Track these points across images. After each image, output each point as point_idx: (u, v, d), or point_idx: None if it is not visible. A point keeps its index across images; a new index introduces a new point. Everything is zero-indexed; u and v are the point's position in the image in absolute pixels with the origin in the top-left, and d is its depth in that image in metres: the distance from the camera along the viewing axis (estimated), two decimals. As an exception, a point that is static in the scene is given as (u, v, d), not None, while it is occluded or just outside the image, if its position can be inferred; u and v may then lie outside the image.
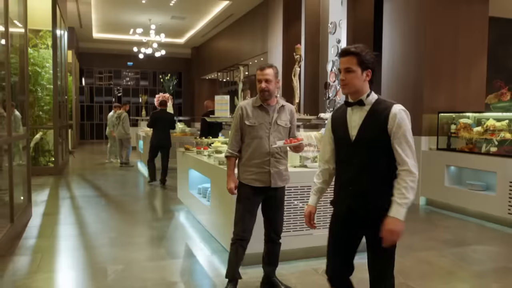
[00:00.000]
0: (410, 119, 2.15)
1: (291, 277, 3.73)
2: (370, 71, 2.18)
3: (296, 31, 10.82)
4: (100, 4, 14.02)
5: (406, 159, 2.08)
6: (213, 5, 14.20)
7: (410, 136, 2.11)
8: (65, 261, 4.17)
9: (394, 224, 2.03)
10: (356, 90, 2.18)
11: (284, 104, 3.31)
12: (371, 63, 2.17)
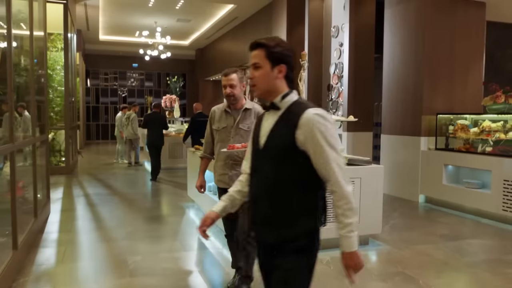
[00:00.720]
0: (334, 126, 1.74)
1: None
2: (283, 66, 1.79)
3: (299, 34, 11.13)
4: (107, 7, 14.34)
5: (328, 176, 1.71)
6: (218, 8, 14.51)
7: (330, 145, 1.69)
8: (87, 252, 4.49)
9: (351, 259, 1.73)
10: (267, 90, 1.82)
11: (250, 108, 3.31)
12: (285, 56, 1.80)
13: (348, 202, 1.71)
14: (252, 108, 3.31)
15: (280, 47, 1.79)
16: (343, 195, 1.70)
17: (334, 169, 1.69)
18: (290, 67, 1.81)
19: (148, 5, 13.70)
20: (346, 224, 1.71)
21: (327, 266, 4.05)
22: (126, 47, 20.58)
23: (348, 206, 1.71)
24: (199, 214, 6.13)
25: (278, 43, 1.81)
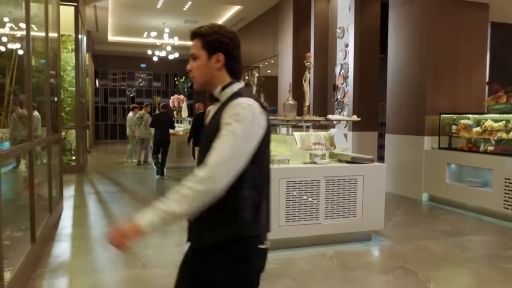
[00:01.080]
0: (255, 120, 1.53)
1: (302, 261, 4.20)
2: (221, 55, 1.66)
3: (305, 35, 11.28)
4: (116, 9, 14.59)
5: (208, 158, 1.46)
6: (225, 10, 14.71)
7: (234, 132, 1.47)
8: (100, 246, 4.68)
9: (125, 226, 1.45)
10: (205, 81, 1.70)
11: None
12: (223, 44, 1.66)
13: (194, 188, 1.42)
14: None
15: (217, 35, 1.66)
16: (197, 178, 1.43)
17: (219, 153, 1.45)
18: (230, 56, 1.68)
19: (156, 6, 13.93)
20: (166, 204, 1.44)
21: (330, 260, 4.21)
22: (135, 48, 20.85)
23: (188, 192, 1.43)
24: (207, 211, 6.31)
25: (216, 30, 1.67)
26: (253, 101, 1.55)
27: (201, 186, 1.43)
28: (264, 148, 1.61)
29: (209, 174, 1.43)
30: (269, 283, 3.62)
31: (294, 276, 3.78)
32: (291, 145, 4.93)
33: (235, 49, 1.70)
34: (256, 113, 1.53)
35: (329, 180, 4.55)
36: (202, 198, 1.44)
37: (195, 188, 1.43)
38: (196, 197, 1.43)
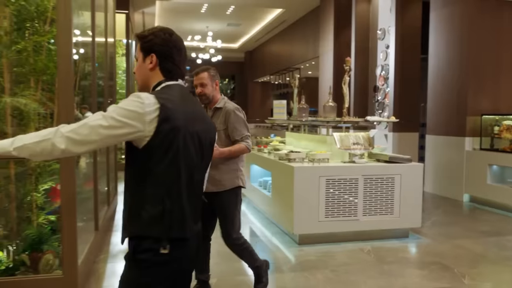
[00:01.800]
0: (134, 105, 1.51)
1: (341, 254, 4.44)
2: (153, 56, 1.68)
3: (346, 36, 11.41)
4: (163, 14, 15.25)
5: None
6: (267, 13, 15.04)
7: (108, 110, 1.52)
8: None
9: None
10: (143, 82, 1.73)
11: (221, 107, 3.19)
12: (155, 45, 1.68)
13: (45, 140, 1.46)
14: (222, 107, 3.18)
15: (152, 36, 1.69)
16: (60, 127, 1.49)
17: (90, 117, 1.50)
18: (164, 56, 1.69)
19: (201, 11, 14.46)
20: (28, 139, 1.48)
21: (368, 254, 4.43)
22: (179, 51, 21.58)
23: (46, 140, 1.46)
24: (249, 206, 6.64)
25: (152, 32, 1.70)
26: (145, 94, 1.54)
27: (46, 147, 1.48)
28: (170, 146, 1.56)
29: (62, 144, 1.47)
30: (309, 273, 3.90)
31: (333, 268, 4.03)
32: (331, 145, 5.17)
33: (170, 49, 1.69)
34: (139, 99, 1.52)
35: (367, 179, 4.76)
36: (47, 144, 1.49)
37: (42, 144, 1.48)
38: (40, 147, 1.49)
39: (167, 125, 1.53)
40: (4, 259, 3.50)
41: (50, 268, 3.42)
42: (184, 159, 1.60)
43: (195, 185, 1.68)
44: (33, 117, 3.58)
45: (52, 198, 3.96)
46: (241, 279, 3.80)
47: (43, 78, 3.75)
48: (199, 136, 1.68)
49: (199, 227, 1.73)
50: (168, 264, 1.56)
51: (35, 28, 3.63)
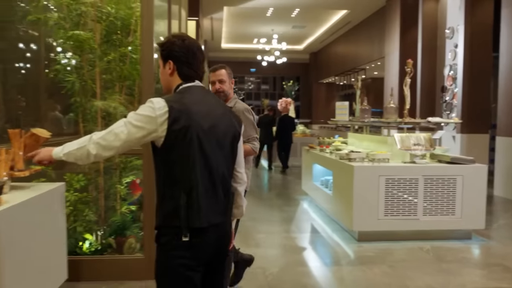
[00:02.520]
0: (148, 109, 1.73)
1: (399, 252, 4.55)
2: (171, 62, 1.86)
3: (412, 36, 11.23)
4: (230, 19, 15.84)
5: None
6: (331, 14, 15.12)
7: (131, 113, 1.77)
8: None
9: (45, 149, 1.92)
10: (166, 86, 1.94)
11: (231, 106, 3.14)
12: (171, 52, 1.86)
13: (82, 147, 1.76)
14: (232, 107, 3.12)
15: (168, 44, 1.86)
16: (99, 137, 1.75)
17: (116, 124, 1.75)
18: (180, 61, 1.85)
19: (266, 14, 14.86)
20: (72, 146, 1.80)
21: (427, 253, 4.50)
22: (245, 54, 22.19)
23: (81, 142, 1.77)
24: (311, 205, 6.86)
25: (168, 40, 1.88)
26: (156, 99, 1.75)
27: (85, 147, 1.78)
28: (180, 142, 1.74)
29: (93, 147, 1.76)
30: (366, 267, 4.07)
31: (391, 264, 4.17)
32: (391, 146, 5.27)
33: (184, 54, 1.85)
34: (151, 106, 1.73)
35: (427, 179, 4.82)
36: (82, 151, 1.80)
37: (82, 146, 1.79)
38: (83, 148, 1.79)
39: (177, 125, 1.71)
40: (94, 242, 4.03)
41: (132, 250, 3.90)
42: (199, 155, 1.75)
43: (216, 178, 1.81)
44: (119, 118, 4.09)
45: (132, 191, 4.46)
46: (302, 270, 4.06)
47: (126, 84, 4.28)
48: (216, 132, 1.81)
49: (224, 218, 1.87)
50: (188, 249, 1.75)
51: (121, 40, 4.15)
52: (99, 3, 3.96)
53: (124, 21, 4.10)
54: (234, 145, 1.93)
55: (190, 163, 1.74)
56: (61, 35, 3.84)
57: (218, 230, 1.85)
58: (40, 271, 2.87)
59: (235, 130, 1.92)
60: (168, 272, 1.78)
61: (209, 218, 1.78)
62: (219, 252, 1.89)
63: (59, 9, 4.02)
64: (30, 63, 4.93)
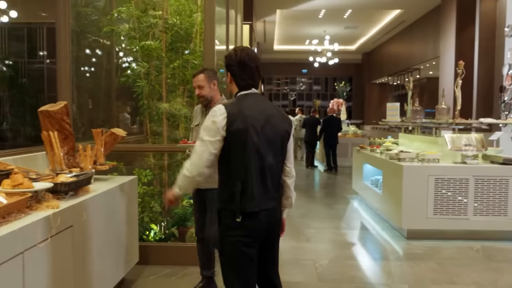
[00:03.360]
0: (212, 117, 2.10)
1: (448, 250, 4.63)
2: (229, 73, 2.25)
3: (469, 35, 10.99)
4: (282, 21, 16.13)
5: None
6: (384, 14, 15.01)
7: (202, 134, 2.12)
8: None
9: (168, 193, 2.30)
10: (229, 91, 2.51)
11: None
12: (228, 65, 2.23)
13: (184, 176, 2.16)
14: None
15: (227, 57, 2.24)
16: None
17: (193, 152, 2.15)
18: (233, 73, 2.21)
19: (318, 16, 15.01)
20: (178, 180, 2.21)
21: (476, 252, 4.55)
22: (297, 55, 22.39)
23: (183, 171, 2.17)
24: (361, 204, 7.01)
25: (228, 53, 2.25)
26: (219, 106, 2.12)
27: (188, 167, 2.16)
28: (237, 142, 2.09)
29: (186, 165, 2.18)
30: (414, 263, 4.21)
31: (438, 261, 4.28)
32: (442, 146, 5.34)
33: (236, 67, 2.20)
34: (214, 115, 2.11)
35: (478, 179, 4.86)
36: (184, 174, 2.19)
37: (186, 168, 2.17)
38: (184, 172, 2.18)
39: (234, 126, 2.07)
40: (158, 232, 4.46)
41: (194, 239, 4.28)
42: (253, 152, 2.09)
43: (266, 171, 2.14)
44: (182, 119, 4.50)
45: (192, 186, 4.86)
46: (350, 263, 4.27)
47: (187, 87, 4.68)
48: (267, 132, 2.13)
49: (273, 205, 2.20)
50: (242, 229, 2.10)
51: (184, 48, 4.55)
52: (165, 15, 4.38)
53: (186, 31, 4.51)
54: (284, 143, 2.24)
55: (245, 158, 2.08)
56: (135, 44, 4.29)
57: (269, 215, 2.17)
58: (117, 251, 3.30)
59: (285, 130, 2.24)
60: (228, 247, 2.15)
61: (259, 204, 2.11)
62: (270, 233, 2.22)
63: (130, 20, 4.49)
64: (103, 69, 5.48)
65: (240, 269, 2.15)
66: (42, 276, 2.18)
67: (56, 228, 2.26)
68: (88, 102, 5.39)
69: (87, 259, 2.75)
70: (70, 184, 2.62)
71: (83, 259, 2.69)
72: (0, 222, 1.98)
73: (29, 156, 3.41)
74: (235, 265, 2.15)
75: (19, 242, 1.95)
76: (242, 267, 2.15)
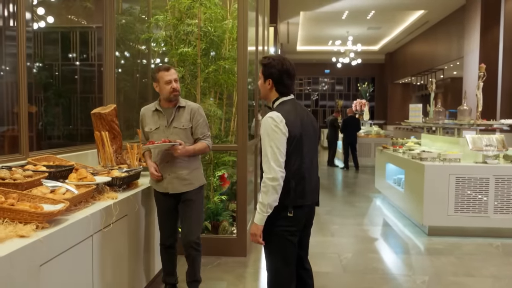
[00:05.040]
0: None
1: (468, 246, 4.83)
2: (270, 80, 2.42)
3: (493, 35, 11.02)
4: (306, 23, 16.35)
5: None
6: (408, 15, 15.08)
7: (271, 145, 2.26)
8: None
9: (252, 228, 2.31)
10: (264, 96, 2.52)
11: (184, 105, 3.14)
12: (271, 73, 2.39)
13: (263, 187, 2.23)
14: (186, 106, 3.14)
15: (269, 65, 2.40)
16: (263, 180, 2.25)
17: (267, 157, 2.25)
18: (277, 81, 2.39)
19: (342, 17, 15.18)
20: (259, 202, 2.27)
21: (496, 249, 4.74)
22: (319, 55, 22.56)
23: (263, 190, 2.24)
24: (384, 202, 7.22)
25: (270, 62, 2.40)
26: (275, 114, 2.28)
27: (264, 183, 2.25)
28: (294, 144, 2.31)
29: (266, 174, 2.25)
30: (434, 257, 4.43)
31: (458, 256, 4.49)
32: (463, 147, 5.52)
33: (281, 75, 2.38)
34: (275, 122, 2.26)
35: (498, 179, 5.04)
36: (266, 189, 2.24)
37: (264, 185, 2.24)
38: (264, 190, 2.24)
39: (291, 132, 2.28)
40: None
41: (226, 232, 4.61)
42: (304, 151, 2.34)
43: (312, 169, 2.42)
44: (216, 121, 4.83)
45: (222, 184, 5.18)
46: (373, 256, 4.51)
47: (219, 90, 5.01)
48: (309, 134, 2.40)
49: (315, 199, 2.50)
50: (290, 220, 2.34)
51: (217, 53, 4.88)
52: (200, 23, 4.71)
53: (219, 37, 4.83)
54: (317, 143, 2.57)
55: (299, 157, 2.33)
56: (173, 51, 4.63)
57: (310, 207, 2.49)
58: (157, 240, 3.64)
59: (317, 132, 2.54)
60: (275, 238, 2.37)
61: (307, 199, 2.40)
62: (308, 221, 2.54)
63: (167, 28, 4.84)
64: (140, 73, 5.85)
65: (288, 256, 2.39)
66: (105, 257, 2.52)
67: (116, 216, 2.61)
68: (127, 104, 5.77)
69: (139, 244, 3.10)
70: (124, 178, 2.97)
71: (136, 245, 3.04)
72: (73, 209, 2.33)
73: (81, 153, 3.79)
74: (284, 253, 2.38)
75: (90, 226, 2.30)
76: (290, 255, 2.39)
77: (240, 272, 4.02)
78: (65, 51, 9.27)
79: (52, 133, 8.33)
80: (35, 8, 6.52)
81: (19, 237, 1.82)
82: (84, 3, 5.20)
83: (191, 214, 3.12)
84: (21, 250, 1.71)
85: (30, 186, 2.38)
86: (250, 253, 4.53)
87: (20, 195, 2.15)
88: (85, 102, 7.54)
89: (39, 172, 2.62)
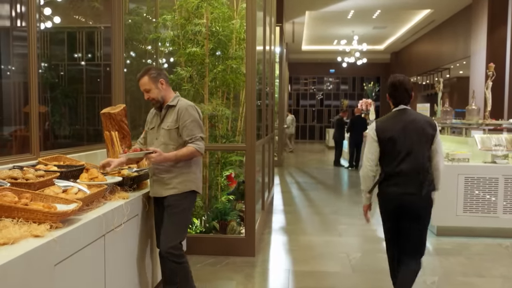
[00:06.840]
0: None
1: (477, 246, 4.80)
2: (387, 95, 3.16)
3: (501, 35, 10.96)
4: (311, 22, 16.33)
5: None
6: (414, 14, 15.01)
7: (366, 153, 3.23)
8: (306, 219, 6.07)
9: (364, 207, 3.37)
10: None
11: (174, 104, 2.98)
12: (388, 89, 3.15)
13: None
14: (175, 105, 2.97)
15: (387, 83, 3.16)
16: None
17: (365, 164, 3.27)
18: (389, 94, 3.11)
19: (347, 17, 15.15)
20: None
21: (505, 249, 4.71)
22: (324, 55, 22.51)
23: (360, 173, 3.22)
24: (391, 202, 7.19)
25: (388, 80, 3.17)
26: (372, 124, 3.09)
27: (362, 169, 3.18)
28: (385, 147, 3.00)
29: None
30: (443, 258, 4.41)
31: (467, 256, 4.47)
32: (472, 146, 5.49)
33: (390, 90, 3.07)
34: (370, 129, 3.10)
35: (508, 179, 5.00)
36: (362, 176, 3.21)
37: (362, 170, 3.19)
38: (361, 175, 3.21)
39: (380, 135, 2.99)
40: (198, 226, 4.79)
41: (234, 232, 4.61)
42: (397, 148, 2.93)
43: (411, 159, 2.93)
44: (224, 120, 4.83)
45: (229, 184, 5.18)
46: (381, 256, 4.49)
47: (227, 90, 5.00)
48: (410, 135, 2.93)
49: (412, 191, 2.97)
50: (384, 204, 3.13)
51: (224, 53, 4.88)
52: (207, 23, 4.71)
53: (226, 37, 4.83)
54: (428, 144, 2.98)
55: (391, 154, 2.98)
56: (181, 51, 4.63)
57: (410, 197, 2.98)
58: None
59: (428, 134, 2.96)
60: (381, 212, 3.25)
61: (395, 188, 2.99)
62: (409, 212, 3.05)
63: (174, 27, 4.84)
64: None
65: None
66: (116, 257, 2.53)
67: (127, 215, 2.61)
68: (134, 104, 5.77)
69: (151, 244, 3.10)
70: (134, 178, 2.98)
71: (146, 244, 3.04)
72: (85, 209, 2.34)
73: (91, 153, 3.81)
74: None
75: (103, 226, 2.30)
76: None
77: (248, 272, 4.01)
78: (71, 51, 9.31)
79: (59, 132, 8.37)
80: (42, 9, 6.54)
81: (34, 237, 1.82)
82: (92, 3, 5.19)
83: (169, 221, 2.89)
84: (36, 250, 1.72)
85: (43, 186, 2.38)
86: (259, 253, 4.53)
87: (33, 195, 2.16)
88: (91, 102, 7.56)
89: (51, 172, 2.63)
